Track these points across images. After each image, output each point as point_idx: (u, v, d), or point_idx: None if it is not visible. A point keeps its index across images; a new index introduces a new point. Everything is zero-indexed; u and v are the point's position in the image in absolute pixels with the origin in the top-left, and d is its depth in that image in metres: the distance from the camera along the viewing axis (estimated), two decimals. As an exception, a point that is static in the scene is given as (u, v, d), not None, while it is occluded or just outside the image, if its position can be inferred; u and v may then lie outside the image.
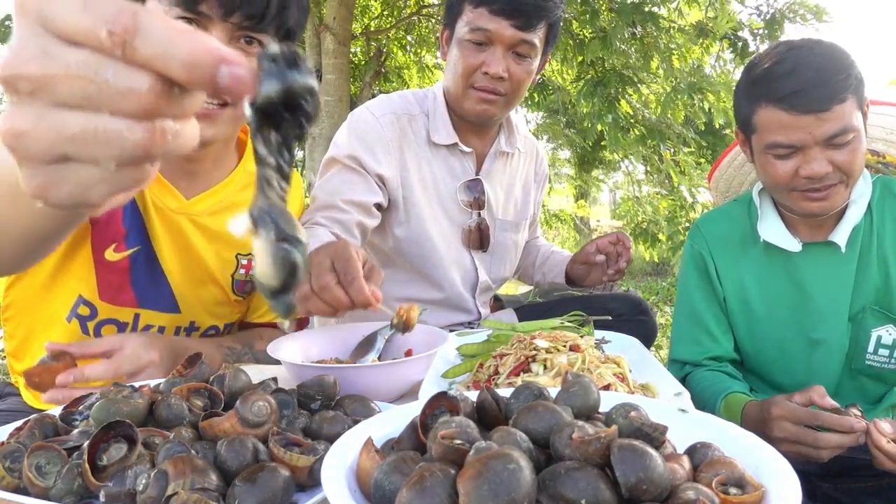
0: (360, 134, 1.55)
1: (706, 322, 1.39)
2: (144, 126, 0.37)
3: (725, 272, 1.39)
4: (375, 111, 1.58)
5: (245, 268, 1.27)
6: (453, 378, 1.12)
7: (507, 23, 1.44)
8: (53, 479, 0.62)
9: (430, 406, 0.61)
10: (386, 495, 0.50)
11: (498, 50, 1.46)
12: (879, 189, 1.31)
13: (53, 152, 0.37)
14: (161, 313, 1.18)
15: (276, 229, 0.43)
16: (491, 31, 1.45)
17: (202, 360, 0.87)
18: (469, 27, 1.47)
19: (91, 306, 1.15)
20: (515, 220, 1.79)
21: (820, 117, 1.15)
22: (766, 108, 1.20)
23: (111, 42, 0.35)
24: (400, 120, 1.58)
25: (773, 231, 1.33)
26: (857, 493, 1.35)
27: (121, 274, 1.14)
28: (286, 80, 0.39)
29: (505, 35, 1.45)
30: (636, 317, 1.70)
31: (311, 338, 1.21)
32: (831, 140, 1.16)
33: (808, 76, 1.15)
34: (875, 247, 1.29)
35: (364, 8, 8.94)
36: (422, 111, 1.62)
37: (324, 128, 6.58)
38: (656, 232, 5.95)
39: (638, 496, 0.46)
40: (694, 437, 0.59)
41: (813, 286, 1.32)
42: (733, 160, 1.58)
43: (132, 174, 0.39)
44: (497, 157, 1.70)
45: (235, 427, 0.68)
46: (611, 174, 11.63)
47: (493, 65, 1.46)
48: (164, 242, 1.16)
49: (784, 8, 5.15)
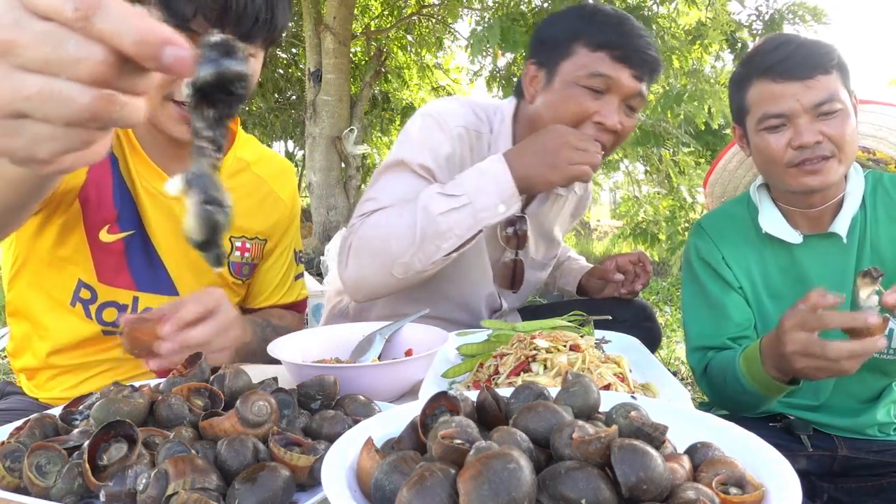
0: (429, 144, 1.45)
1: (724, 307, 1.37)
2: (94, 92, 0.42)
3: (735, 264, 1.39)
4: (449, 121, 1.47)
5: (240, 250, 1.28)
6: (453, 378, 1.12)
7: (628, 72, 1.36)
8: (54, 479, 0.62)
9: (430, 406, 0.61)
10: (386, 495, 0.50)
11: (615, 100, 1.37)
12: (871, 182, 1.34)
13: (12, 108, 0.43)
14: (159, 296, 1.20)
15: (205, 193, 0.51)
16: (612, 79, 1.36)
17: (202, 359, 0.87)
18: (587, 71, 1.36)
19: (91, 289, 1.16)
20: (544, 261, 1.73)
21: (806, 84, 1.21)
22: (755, 84, 1.27)
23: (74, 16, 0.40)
24: (469, 135, 1.49)
25: (774, 223, 1.34)
26: (857, 493, 1.35)
27: (117, 256, 1.16)
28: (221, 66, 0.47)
29: (624, 85, 1.36)
30: (642, 323, 1.66)
31: (311, 338, 1.21)
32: (819, 107, 1.21)
33: (792, 48, 1.24)
34: (869, 238, 1.31)
35: (364, 8, 8.95)
36: (489, 130, 1.53)
37: (324, 127, 6.58)
38: (656, 232, 5.95)
39: (638, 496, 0.46)
40: (694, 437, 0.59)
41: (814, 278, 1.33)
42: (728, 163, 1.59)
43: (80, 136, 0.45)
44: (548, 196, 1.62)
45: (236, 427, 0.68)
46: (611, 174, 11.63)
47: (609, 116, 1.37)
48: (157, 226, 1.18)
49: (783, 9, 5.16)
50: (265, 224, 1.31)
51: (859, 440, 1.37)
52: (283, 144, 13.37)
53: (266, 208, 1.31)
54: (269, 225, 1.31)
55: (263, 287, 1.35)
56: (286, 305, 1.37)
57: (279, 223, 1.33)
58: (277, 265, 1.35)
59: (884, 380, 1.35)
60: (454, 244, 1.28)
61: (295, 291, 1.40)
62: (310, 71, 6.57)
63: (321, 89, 6.47)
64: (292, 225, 1.37)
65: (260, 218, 1.30)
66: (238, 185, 1.27)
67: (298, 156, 13.71)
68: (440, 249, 1.28)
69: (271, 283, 1.35)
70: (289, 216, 1.36)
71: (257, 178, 1.31)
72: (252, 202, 1.29)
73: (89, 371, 1.20)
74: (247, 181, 1.29)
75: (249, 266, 1.29)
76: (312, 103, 6.57)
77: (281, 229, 1.34)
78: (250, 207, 1.28)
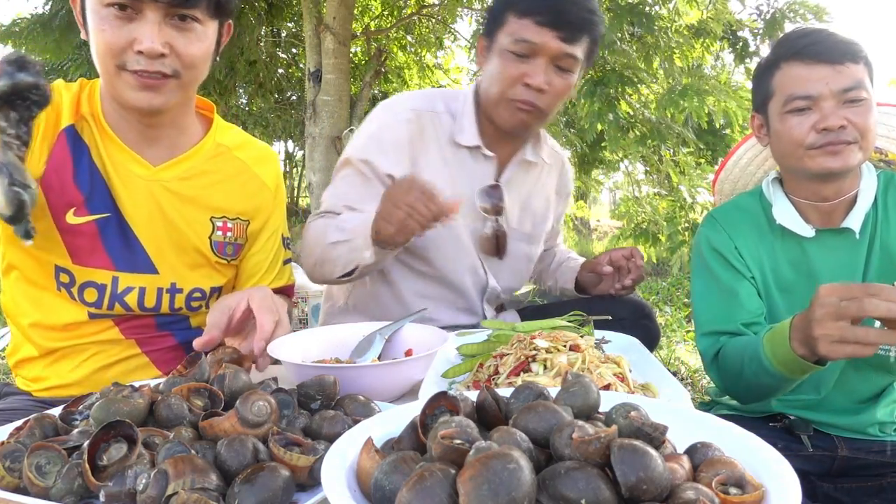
0: (374, 132, 1.56)
1: (737, 293, 1.36)
2: None
3: (748, 255, 1.39)
4: (395, 107, 1.59)
5: (221, 229, 1.30)
6: (453, 378, 1.12)
7: (552, 34, 1.42)
8: (53, 479, 0.62)
9: (430, 406, 0.61)
10: (386, 495, 0.50)
11: (541, 62, 1.45)
12: (883, 182, 1.35)
13: None
14: (139, 275, 1.22)
15: (10, 177, 0.72)
16: (536, 43, 1.43)
17: (202, 359, 0.87)
18: (513, 38, 1.45)
19: (68, 273, 1.19)
20: (531, 233, 1.76)
21: (836, 69, 1.22)
22: (784, 67, 1.28)
23: None
24: (421, 117, 1.57)
25: (787, 215, 1.34)
26: (857, 493, 1.35)
27: (90, 238, 1.18)
28: (15, 79, 0.67)
29: (549, 47, 1.43)
30: (640, 321, 1.66)
31: (311, 338, 1.21)
32: (846, 93, 1.22)
33: (823, 34, 1.26)
34: (880, 236, 1.31)
35: (364, 8, 8.95)
36: (447, 110, 1.61)
37: (324, 127, 6.58)
38: (656, 232, 5.95)
39: (638, 496, 0.46)
40: (694, 437, 0.59)
41: (825, 273, 1.33)
42: (739, 160, 1.58)
43: None
44: (520, 165, 1.68)
45: (235, 427, 0.68)
46: (611, 174, 11.62)
47: (535, 77, 1.44)
48: (133, 208, 1.21)
49: (784, 8, 5.16)
50: (247, 205, 1.33)
51: (859, 440, 1.37)
52: (283, 144, 13.40)
53: (248, 190, 1.34)
54: (252, 206, 1.34)
55: (254, 270, 1.38)
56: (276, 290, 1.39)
57: (263, 206, 1.36)
58: (265, 248, 1.38)
59: (887, 377, 1.35)
60: (341, 272, 1.44)
61: (284, 276, 1.43)
62: (310, 71, 6.57)
63: (321, 89, 6.47)
64: (277, 209, 1.39)
65: (241, 199, 1.32)
66: (217, 168, 1.31)
67: (298, 156, 13.73)
68: (333, 273, 1.46)
69: (261, 267, 1.38)
70: (273, 200, 1.37)
71: (239, 162, 1.34)
72: (233, 184, 1.32)
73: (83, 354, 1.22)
74: (226, 164, 1.32)
75: (233, 246, 1.32)
76: (312, 103, 6.56)
77: (265, 212, 1.36)
78: (231, 189, 1.31)
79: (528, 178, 1.72)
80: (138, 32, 1.05)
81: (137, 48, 1.05)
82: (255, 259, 1.37)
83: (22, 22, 6.54)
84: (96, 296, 1.20)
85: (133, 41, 1.05)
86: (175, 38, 1.08)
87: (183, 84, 1.14)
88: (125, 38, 1.05)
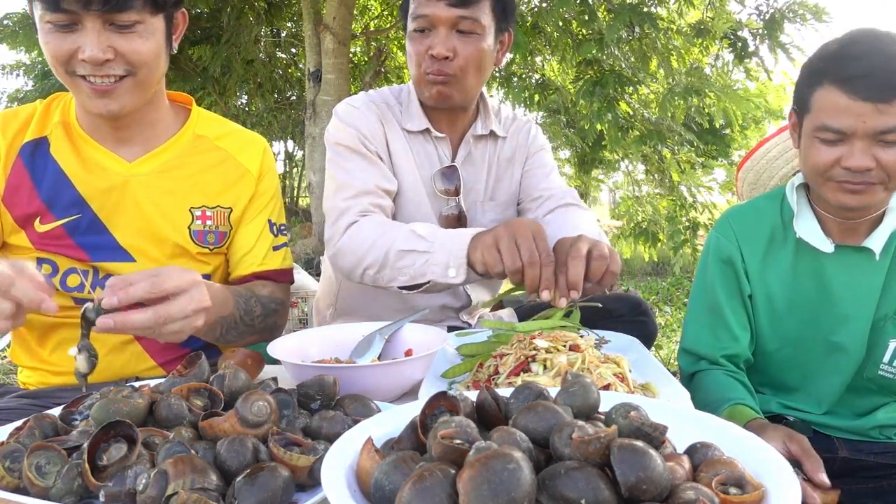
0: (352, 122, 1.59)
1: (726, 318, 1.36)
2: None
3: (754, 269, 1.36)
4: (353, 102, 1.63)
5: (200, 219, 1.32)
6: (453, 378, 1.12)
7: (442, 3, 1.47)
8: (53, 479, 0.62)
9: (430, 406, 0.61)
10: (386, 495, 0.50)
11: (440, 32, 1.49)
12: None
13: None
14: (118, 263, 1.25)
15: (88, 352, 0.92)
16: (430, 16, 1.48)
17: (202, 359, 0.87)
18: (412, 17, 1.52)
19: (50, 262, 1.23)
20: (507, 200, 1.77)
21: (878, 108, 1.12)
22: (827, 88, 1.18)
23: None
24: (379, 107, 1.63)
25: (808, 229, 1.30)
26: (857, 493, 1.35)
27: (61, 239, 1.22)
28: None
29: (442, 16, 1.47)
30: (636, 318, 1.67)
31: (311, 338, 1.21)
32: (883, 135, 1.14)
33: (878, 63, 1.13)
34: None
35: (364, 8, 8.94)
36: (397, 102, 1.67)
37: (324, 127, 6.57)
38: (656, 232, 5.95)
39: (638, 496, 0.46)
40: (694, 437, 0.59)
41: (839, 289, 1.30)
42: (768, 152, 1.55)
43: None
44: (475, 141, 1.70)
45: (235, 427, 0.68)
46: (611, 174, 11.62)
47: (436, 46, 1.48)
48: (105, 204, 1.24)
49: (784, 8, 5.16)
50: (228, 193, 1.35)
51: (859, 442, 1.37)
52: (283, 144, 13.39)
53: (229, 178, 1.36)
54: (233, 194, 1.36)
55: (238, 253, 1.39)
56: (268, 274, 1.39)
57: (244, 193, 1.38)
58: (248, 231, 1.39)
59: (881, 398, 1.35)
60: (405, 282, 1.35)
61: (276, 260, 1.42)
62: (309, 71, 6.57)
63: (321, 89, 6.46)
64: (263, 194, 1.40)
65: (221, 188, 1.35)
66: (195, 159, 1.33)
67: (298, 156, 13.72)
68: (395, 280, 1.37)
69: (243, 249, 1.39)
70: (256, 185, 1.38)
71: (220, 151, 1.36)
72: (213, 174, 1.34)
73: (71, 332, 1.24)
74: (206, 155, 1.34)
75: (215, 234, 1.34)
76: (312, 103, 6.56)
77: (246, 198, 1.37)
78: (210, 179, 1.33)
79: (487, 150, 1.73)
80: (81, 42, 1.08)
81: (81, 57, 1.08)
82: (238, 243, 1.39)
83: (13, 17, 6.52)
84: (79, 281, 1.23)
85: (77, 50, 1.08)
86: (118, 42, 1.10)
87: (139, 82, 1.16)
88: (68, 48, 1.08)
